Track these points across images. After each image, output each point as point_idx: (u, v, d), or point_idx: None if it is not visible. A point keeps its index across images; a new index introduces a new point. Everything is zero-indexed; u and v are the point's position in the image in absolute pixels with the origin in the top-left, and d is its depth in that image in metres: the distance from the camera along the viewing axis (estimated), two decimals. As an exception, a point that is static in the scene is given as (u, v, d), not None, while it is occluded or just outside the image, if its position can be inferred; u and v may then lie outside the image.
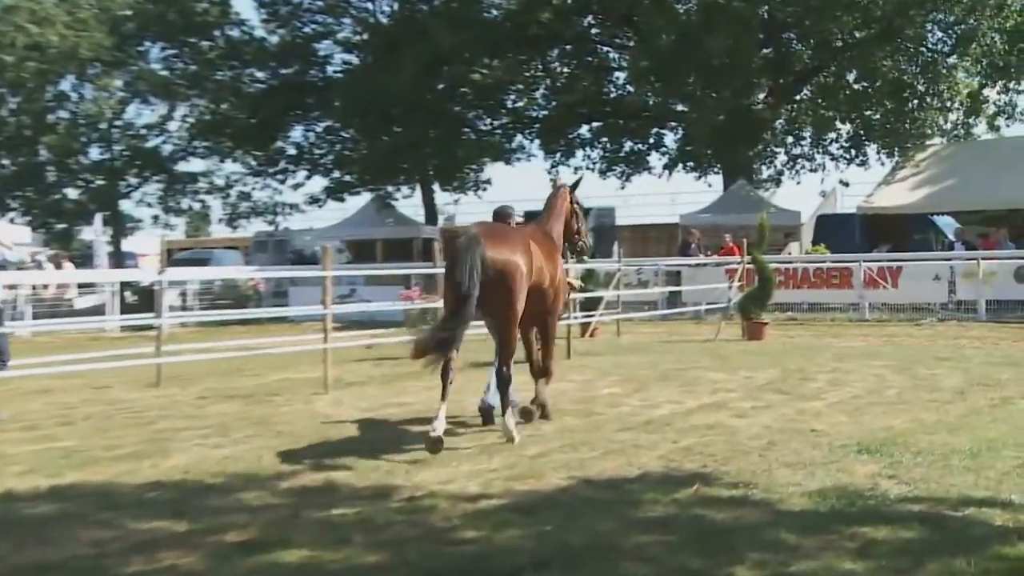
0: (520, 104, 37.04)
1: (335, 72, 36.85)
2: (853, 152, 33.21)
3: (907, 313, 21.15)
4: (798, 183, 36.41)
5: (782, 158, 35.12)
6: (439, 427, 7.32)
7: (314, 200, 37.41)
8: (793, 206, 30.15)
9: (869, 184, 30.89)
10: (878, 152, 32.26)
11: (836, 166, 34.08)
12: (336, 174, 37.04)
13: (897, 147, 30.67)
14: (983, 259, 21.27)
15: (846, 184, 34.00)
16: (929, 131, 30.79)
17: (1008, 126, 31.51)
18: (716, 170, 33.89)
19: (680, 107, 32.60)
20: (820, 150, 34.20)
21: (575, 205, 9.37)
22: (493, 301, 7.74)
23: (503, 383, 7.95)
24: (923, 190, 26.98)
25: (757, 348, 15.77)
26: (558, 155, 35.98)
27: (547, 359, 8.81)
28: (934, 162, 28.67)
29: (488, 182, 37.96)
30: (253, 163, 38.67)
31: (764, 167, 35.02)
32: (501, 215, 8.93)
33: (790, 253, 28.59)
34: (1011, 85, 30.34)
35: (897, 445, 7.40)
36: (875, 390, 10.56)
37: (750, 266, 18.75)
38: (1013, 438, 7.62)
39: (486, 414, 8.70)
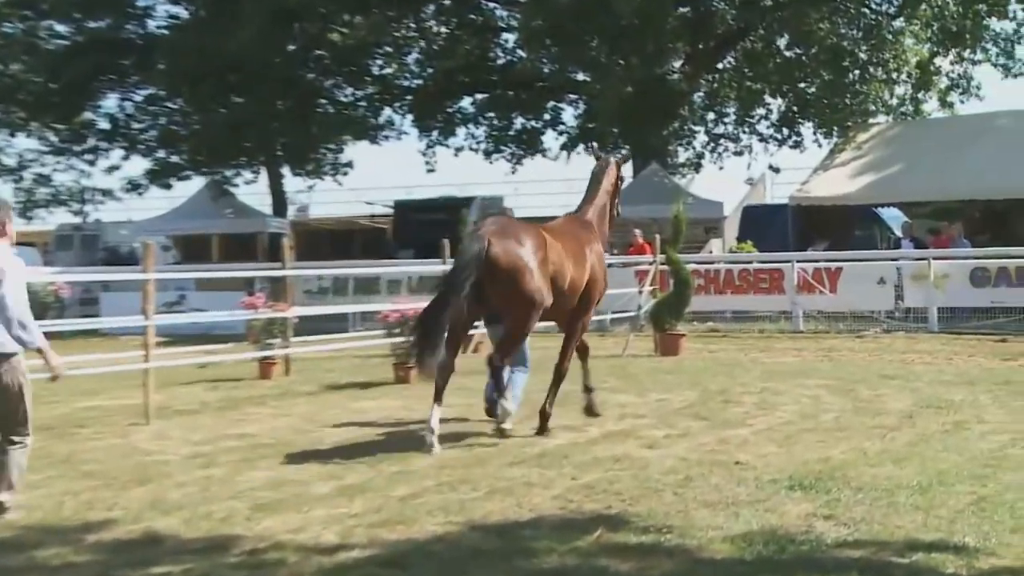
0: (389, 71, 36.81)
1: (158, 27, 36.30)
2: (785, 132, 33.63)
3: (847, 323, 21.24)
4: (721, 168, 35.57)
5: (702, 138, 35.50)
6: (433, 438, 8.73)
7: (133, 186, 36.71)
8: (715, 196, 30.40)
9: (803, 170, 30.99)
10: (814, 132, 32.63)
11: (765, 148, 34.53)
12: (160, 154, 36.36)
13: (836, 126, 30.93)
14: (934, 259, 21.34)
15: (776, 170, 34.64)
16: (873, 107, 31.23)
17: (963, 102, 31.98)
18: (624, 152, 32.98)
19: (581, 77, 32.71)
20: (746, 129, 34.63)
21: (619, 183, 10.89)
22: (498, 300, 9.09)
23: (493, 371, 9.28)
24: (866, 177, 27.11)
25: (672, 365, 15.92)
26: (435, 133, 35.80)
27: (562, 361, 10.16)
28: (879, 144, 28.88)
29: (349, 165, 37.83)
30: (54, 139, 37.80)
31: (681, 149, 35.28)
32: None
33: (711, 251, 28.62)
34: (966, 54, 30.86)
35: (835, 480, 7.49)
36: (810, 415, 10.71)
37: (664, 267, 18.84)
38: (968, 469, 7.80)
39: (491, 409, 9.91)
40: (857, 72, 30.50)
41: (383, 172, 68.71)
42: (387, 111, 36.66)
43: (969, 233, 24.18)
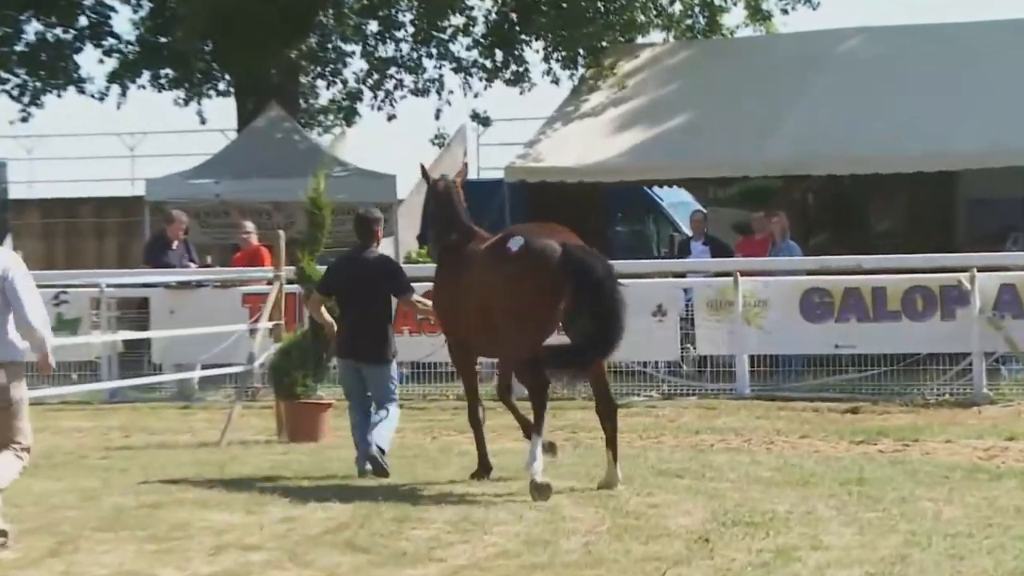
0: None
1: None
2: (499, 56, 34.16)
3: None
4: (392, 118, 36.00)
5: (358, 65, 35.98)
6: (539, 468, 12.20)
7: None
8: (382, 165, 31.32)
9: (530, 123, 31.13)
10: (545, 58, 33.16)
11: (465, 83, 34.97)
12: None
13: (582, 48, 30.97)
14: (743, 275, 21.29)
15: (485, 121, 35.25)
16: (642, 16, 31.85)
17: (787, 12, 32.01)
18: (220, 87, 34.84)
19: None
20: (434, 50, 35.14)
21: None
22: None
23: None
24: (631, 136, 27.35)
25: (309, 457, 15.73)
26: None
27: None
28: (652, 80, 29.44)
29: None
30: None
31: (322, 83, 36.23)
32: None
33: None
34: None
35: None
36: (543, 540, 10.63)
37: (293, 288, 18.94)
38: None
39: None
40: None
41: None
42: None
43: (799, 230, 25.10)
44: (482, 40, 34.15)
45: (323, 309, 15.88)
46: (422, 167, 15.61)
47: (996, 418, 18.80)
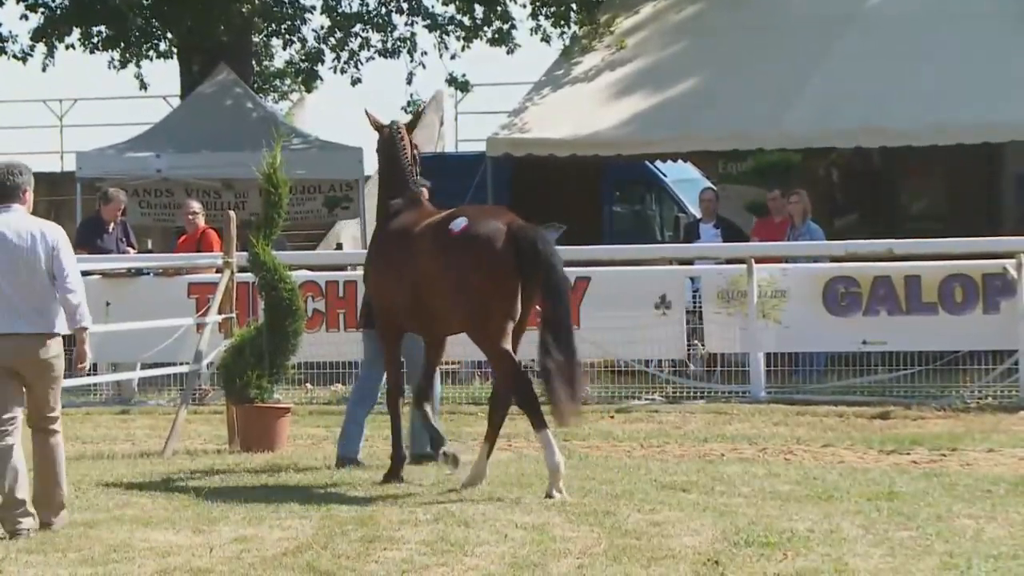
0: None
1: None
2: (478, 12, 34.09)
3: (599, 385, 21.76)
4: (355, 82, 36.18)
5: (317, 22, 36.02)
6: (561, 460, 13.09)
7: None
8: (349, 135, 32.82)
9: (515, 89, 32.00)
10: (533, 13, 33.16)
11: (441, 42, 35.08)
12: None
13: (574, 3, 31.28)
14: (758, 262, 21.41)
15: (463, 86, 35.61)
16: None
17: None
18: (161, 47, 35.05)
19: None
20: (404, 3, 35.23)
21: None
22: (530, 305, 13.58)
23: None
24: (630, 104, 27.54)
25: (266, 468, 15.63)
26: None
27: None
28: (654, 38, 29.31)
29: None
30: None
31: (277, 41, 37.32)
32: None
33: (341, 246, 30.51)
34: None
35: None
36: (531, 562, 10.59)
37: (245, 277, 19.25)
38: None
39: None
40: None
41: None
42: None
43: (822, 211, 25.44)
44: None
45: None
46: (366, 112, 15.70)
47: (1044, 424, 18.77)
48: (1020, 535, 11.27)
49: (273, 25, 35.70)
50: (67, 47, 35.48)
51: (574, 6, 31.51)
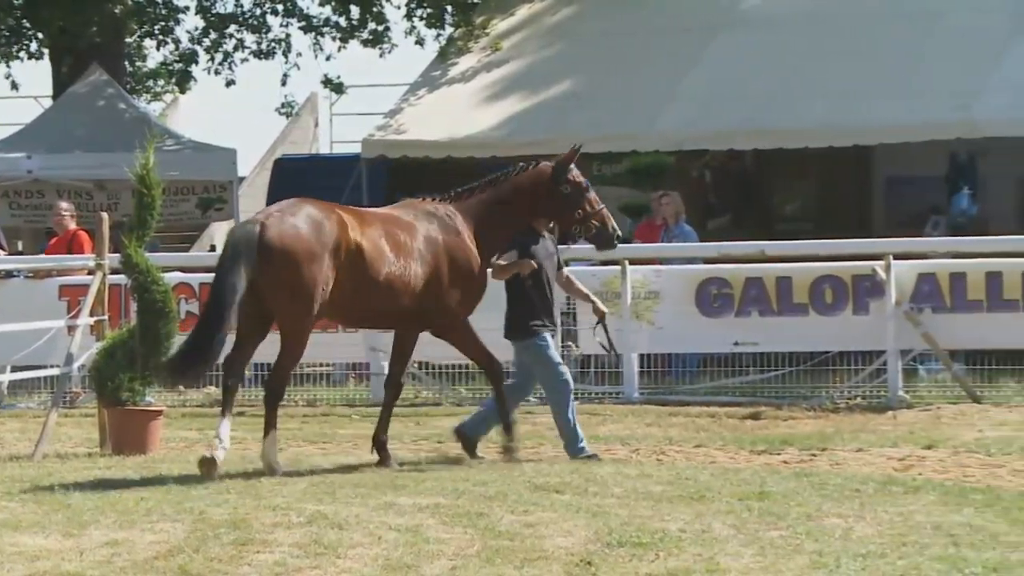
0: None
1: None
2: (354, 12, 33.83)
3: (461, 386, 21.90)
4: (230, 83, 36.12)
5: (191, 22, 37.30)
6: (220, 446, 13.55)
7: None
8: (221, 138, 32.47)
9: (391, 90, 32.54)
10: (408, 14, 33.36)
11: (316, 43, 34.98)
12: None
13: (449, 4, 31.93)
14: (632, 263, 21.54)
15: (338, 88, 35.85)
16: None
17: None
18: (31, 47, 35.08)
19: None
20: (279, 4, 35.14)
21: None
22: (270, 297, 14.11)
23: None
24: (507, 105, 28.13)
25: (137, 471, 15.47)
26: None
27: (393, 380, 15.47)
28: (530, 40, 29.89)
29: None
30: None
31: (150, 42, 36.68)
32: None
33: (215, 247, 29.37)
34: None
35: None
36: (404, 564, 10.57)
37: (117, 279, 19.10)
38: None
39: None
40: None
41: None
42: None
43: (695, 213, 25.57)
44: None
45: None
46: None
47: (913, 424, 19.12)
48: (888, 534, 11.39)
49: (146, 26, 35.45)
50: None
51: (449, 8, 31.72)
